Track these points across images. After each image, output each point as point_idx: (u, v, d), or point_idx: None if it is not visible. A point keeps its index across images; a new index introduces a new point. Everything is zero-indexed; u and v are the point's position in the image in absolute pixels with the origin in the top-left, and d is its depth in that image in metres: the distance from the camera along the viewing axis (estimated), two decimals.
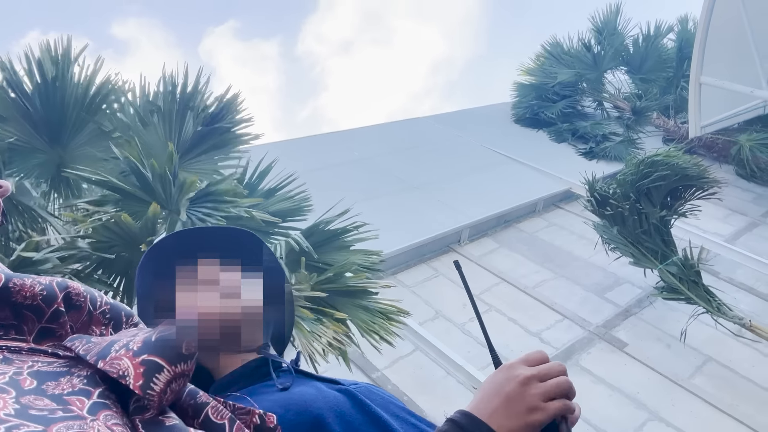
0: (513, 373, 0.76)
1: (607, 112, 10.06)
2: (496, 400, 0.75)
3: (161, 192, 2.89)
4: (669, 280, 5.02)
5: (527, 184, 7.59)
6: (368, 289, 3.09)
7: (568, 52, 9.76)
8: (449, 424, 0.74)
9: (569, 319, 5.30)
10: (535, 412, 0.73)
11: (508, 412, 0.73)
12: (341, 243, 3.31)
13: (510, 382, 0.75)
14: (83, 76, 3.14)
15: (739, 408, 4.40)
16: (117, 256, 2.69)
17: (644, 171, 5.08)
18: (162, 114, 3.28)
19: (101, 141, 3.25)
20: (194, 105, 3.35)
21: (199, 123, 3.33)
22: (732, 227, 7.37)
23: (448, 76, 28.19)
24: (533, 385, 0.74)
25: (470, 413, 0.75)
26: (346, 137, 8.58)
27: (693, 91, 6.16)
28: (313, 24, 25.85)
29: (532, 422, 0.73)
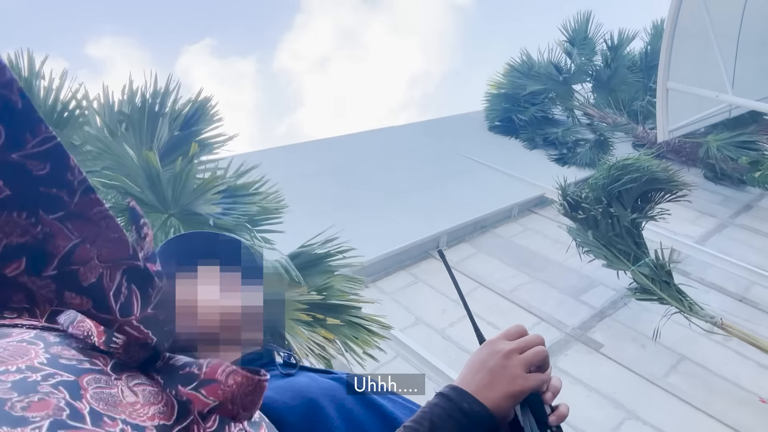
0: (495, 348, 0.82)
1: (577, 119, 10.26)
2: (480, 374, 0.80)
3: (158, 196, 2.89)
4: (642, 281, 5.13)
5: (502, 190, 7.69)
6: (354, 305, 3.12)
7: (537, 69, 9.92)
8: (439, 397, 0.79)
9: (546, 321, 5.38)
10: (516, 381, 0.78)
11: (492, 383, 0.78)
12: (326, 267, 3.31)
13: (493, 357, 0.81)
14: (49, 90, 3.07)
15: (713, 405, 4.50)
16: None
17: (615, 175, 5.20)
18: (132, 123, 3.24)
19: (73, 154, 3.20)
20: (166, 111, 3.31)
21: (176, 128, 3.31)
22: (702, 229, 7.56)
23: (425, 89, 28.50)
24: (514, 357, 0.80)
25: (458, 387, 0.79)
26: (324, 146, 8.61)
27: (660, 96, 6.32)
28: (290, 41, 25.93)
29: (513, 391, 0.78)
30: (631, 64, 10.01)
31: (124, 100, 3.33)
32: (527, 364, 0.80)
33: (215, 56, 24.42)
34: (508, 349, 0.81)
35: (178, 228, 3.09)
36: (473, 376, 0.80)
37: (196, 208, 3.07)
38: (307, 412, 0.82)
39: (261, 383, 0.57)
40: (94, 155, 3.19)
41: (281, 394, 0.84)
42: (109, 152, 3.21)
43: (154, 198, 3.03)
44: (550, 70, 9.82)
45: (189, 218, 3.07)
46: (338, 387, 0.91)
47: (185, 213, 3.09)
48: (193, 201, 3.06)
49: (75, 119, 3.19)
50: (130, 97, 3.32)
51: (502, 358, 0.80)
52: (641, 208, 5.38)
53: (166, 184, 2.98)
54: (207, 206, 3.05)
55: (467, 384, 0.79)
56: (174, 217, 3.08)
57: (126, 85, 3.34)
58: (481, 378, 0.79)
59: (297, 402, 0.83)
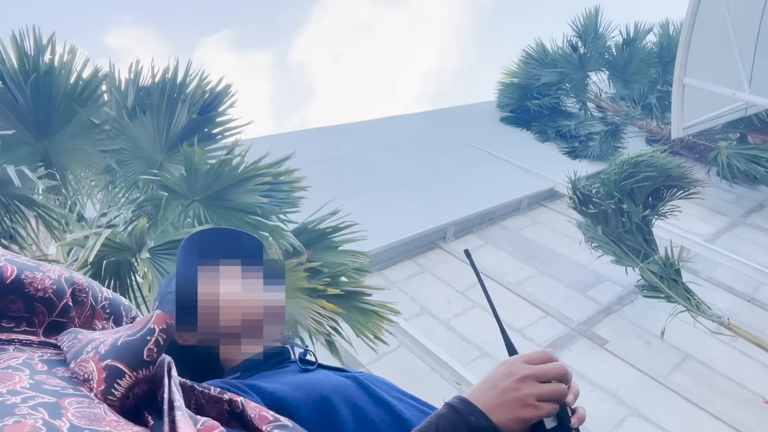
0: (512, 369, 0.80)
1: (591, 113, 10.16)
2: (492, 392, 0.78)
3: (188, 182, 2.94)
4: (650, 279, 5.10)
5: (512, 182, 7.65)
6: (364, 291, 3.13)
7: (553, 54, 9.81)
8: (447, 408, 0.78)
9: (551, 316, 5.37)
10: (526, 408, 0.76)
11: (501, 404, 0.76)
12: (329, 243, 3.33)
13: (508, 378, 0.79)
14: (70, 68, 3.12)
15: (716, 404, 4.49)
16: (107, 262, 2.68)
17: (628, 171, 5.15)
18: (151, 106, 3.27)
19: (89, 134, 3.23)
20: (185, 96, 3.35)
21: (194, 112, 3.33)
22: (712, 227, 7.50)
23: (438, 85, 28.36)
24: (529, 383, 0.78)
25: (467, 399, 0.78)
26: (333, 133, 8.58)
27: (676, 92, 6.24)
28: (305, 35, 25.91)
29: (522, 417, 0.76)
30: (647, 58, 9.87)
31: (135, 81, 3.36)
32: (540, 396, 0.77)
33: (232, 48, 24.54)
34: (525, 374, 0.78)
35: (199, 213, 3.11)
36: (484, 392, 0.79)
37: (231, 196, 3.10)
38: (320, 409, 0.82)
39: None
40: (111, 135, 3.23)
41: (295, 390, 0.85)
42: (125, 134, 3.24)
43: (184, 186, 3.05)
44: (566, 55, 9.70)
45: (216, 203, 3.10)
46: (351, 385, 0.91)
47: (213, 199, 3.12)
48: (228, 189, 3.10)
49: (94, 100, 3.21)
50: (147, 79, 3.36)
51: (516, 381, 0.78)
52: (653, 204, 5.34)
53: (200, 174, 3.01)
54: (248, 196, 3.08)
55: (477, 398, 0.78)
56: (199, 203, 3.11)
57: (136, 65, 3.36)
58: (492, 396, 0.78)
59: (310, 399, 0.84)
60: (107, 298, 0.64)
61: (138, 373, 0.53)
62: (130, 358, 0.53)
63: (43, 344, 0.56)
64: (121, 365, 0.52)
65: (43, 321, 0.58)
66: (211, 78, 3.48)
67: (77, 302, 0.61)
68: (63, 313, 0.59)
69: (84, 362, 0.53)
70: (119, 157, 3.30)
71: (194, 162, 2.95)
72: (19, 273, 0.57)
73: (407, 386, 3.69)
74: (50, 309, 0.58)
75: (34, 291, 0.57)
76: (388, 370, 4.44)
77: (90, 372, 0.52)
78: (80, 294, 0.61)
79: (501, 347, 0.94)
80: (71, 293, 0.60)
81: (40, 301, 0.58)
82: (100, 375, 0.51)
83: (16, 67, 2.97)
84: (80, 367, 0.52)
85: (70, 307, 0.59)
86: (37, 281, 0.58)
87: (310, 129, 8.71)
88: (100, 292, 0.64)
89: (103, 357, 0.53)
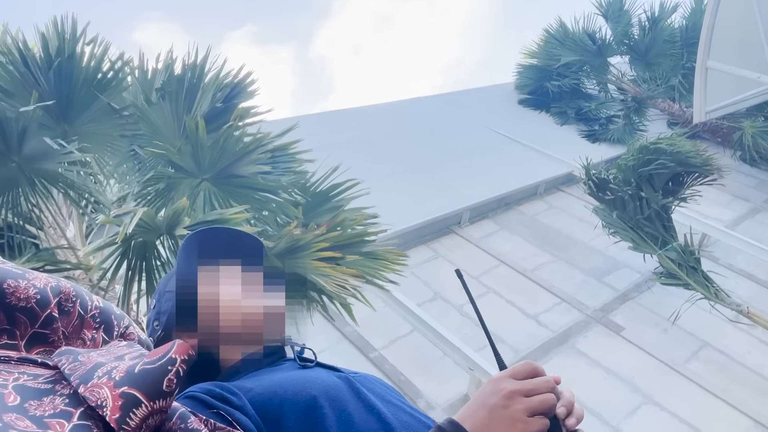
0: (498, 387, 0.77)
1: (611, 95, 9.97)
2: (481, 412, 0.76)
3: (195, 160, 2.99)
4: (668, 266, 5.03)
5: (529, 166, 7.56)
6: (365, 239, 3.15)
7: (573, 37, 9.60)
8: (436, 429, 0.77)
9: (567, 302, 5.33)
10: (516, 426, 0.74)
11: (489, 425, 0.75)
12: (333, 204, 3.34)
13: (494, 395, 0.77)
14: (92, 55, 3.15)
15: (733, 393, 4.44)
16: (135, 242, 2.71)
17: (646, 157, 5.05)
18: (170, 93, 3.29)
19: (109, 119, 3.26)
20: (205, 84, 3.37)
21: (218, 101, 3.35)
22: (734, 213, 7.36)
23: (458, 75, 28.08)
24: (517, 399, 0.75)
25: (456, 421, 0.77)
26: (347, 116, 8.53)
27: (699, 75, 6.08)
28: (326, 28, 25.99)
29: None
30: (670, 38, 9.62)
31: (159, 69, 3.40)
32: (530, 411, 0.75)
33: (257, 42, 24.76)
34: (512, 389, 0.76)
35: (208, 193, 3.13)
36: (472, 413, 0.77)
37: (236, 170, 3.13)
38: (306, 413, 0.82)
39: None
40: (130, 120, 3.27)
41: (285, 389, 0.85)
42: (144, 119, 3.27)
43: (192, 163, 3.08)
44: (586, 37, 9.50)
45: (224, 182, 3.13)
46: (342, 387, 0.90)
47: (221, 177, 3.14)
48: (234, 163, 3.12)
49: (114, 85, 3.24)
50: (167, 67, 3.39)
51: (503, 398, 0.76)
52: (672, 190, 5.24)
53: (206, 149, 3.03)
54: (251, 167, 3.10)
55: (465, 419, 0.77)
56: (208, 182, 3.14)
57: (157, 54, 3.40)
58: (481, 416, 0.76)
59: (298, 400, 0.84)
60: (97, 307, 0.63)
61: (155, 404, 0.51)
62: (149, 387, 0.51)
63: (23, 361, 0.55)
64: (139, 394, 0.51)
65: (25, 333, 0.57)
66: (233, 66, 3.51)
67: (63, 312, 0.59)
68: (46, 324, 0.58)
69: (96, 387, 0.51)
70: (138, 142, 3.33)
71: (199, 136, 2.96)
72: (1, 282, 0.55)
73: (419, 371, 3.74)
74: (32, 320, 0.57)
75: (16, 301, 0.56)
76: (400, 355, 4.45)
77: (104, 398, 0.50)
78: (66, 304, 0.60)
79: (514, 333, 0.94)
80: (57, 303, 0.58)
81: (22, 311, 0.56)
82: (115, 402, 0.49)
83: (41, 53, 3.01)
84: (91, 392, 0.51)
85: (55, 318, 0.58)
86: (20, 290, 0.56)
87: (325, 112, 8.67)
88: (90, 301, 0.63)
89: (118, 384, 0.51)
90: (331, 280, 2.87)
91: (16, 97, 2.97)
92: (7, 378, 0.51)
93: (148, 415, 0.51)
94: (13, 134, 2.63)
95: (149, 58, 3.42)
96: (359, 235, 3.14)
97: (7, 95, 2.96)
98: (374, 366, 4.36)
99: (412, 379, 4.24)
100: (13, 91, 2.97)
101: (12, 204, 2.81)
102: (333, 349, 4.45)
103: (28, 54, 2.96)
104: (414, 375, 4.28)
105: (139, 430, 0.50)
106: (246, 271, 0.99)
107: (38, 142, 2.70)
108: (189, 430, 0.58)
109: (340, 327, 4.59)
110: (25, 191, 2.83)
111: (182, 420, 0.58)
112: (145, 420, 0.51)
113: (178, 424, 0.57)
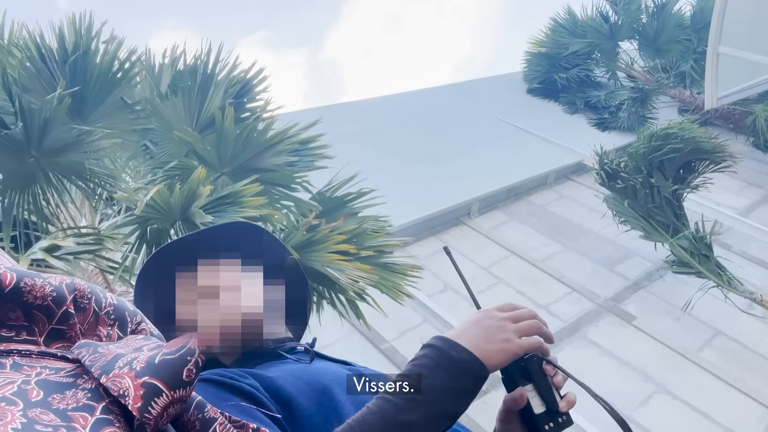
0: (488, 313, 0.81)
1: (621, 83, 9.87)
2: (473, 329, 0.78)
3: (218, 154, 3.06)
4: (680, 254, 4.99)
5: (538, 156, 7.52)
6: (383, 249, 3.16)
7: (582, 23, 9.52)
8: (426, 348, 0.77)
9: (578, 292, 5.31)
10: (509, 342, 0.77)
11: (485, 338, 0.77)
12: (349, 210, 3.35)
13: (487, 318, 0.80)
14: (106, 50, 3.18)
15: (746, 381, 4.41)
16: (151, 229, 2.73)
17: (656, 144, 5.00)
18: (183, 89, 3.32)
19: (123, 113, 3.29)
20: (217, 80, 3.40)
21: (230, 96, 3.38)
22: (746, 200, 7.29)
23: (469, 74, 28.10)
24: (508, 324, 0.79)
25: (446, 337, 0.77)
26: (356, 108, 8.52)
27: (710, 61, 6.00)
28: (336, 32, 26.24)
29: (506, 348, 0.76)
30: (679, 24, 9.50)
31: (171, 65, 3.43)
32: (521, 332, 0.79)
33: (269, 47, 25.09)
34: (503, 316, 0.80)
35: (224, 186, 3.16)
36: (464, 330, 0.79)
37: (258, 163, 3.16)
38: (319, 397, 0.82)
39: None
40: (142, 115, 3.30)
41: (296, 377, 0.85)
42: (157, 114, 3.30)
43: (215, 155, 3.13)
44: (596, 24, 9.40)
45: (242, 176, 3.16)
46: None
47: (240, 171, 3.18)
48: (256, 156, 3.16)
49: (128, 80, 3.27)
50: (177, 62, 3.43)
51: (496, 321, 0.79)
52: (683, 178, 5.19)
53: (230, 141, 3.07)
54: (276, 158, 3.14)
55: (458, 336, 0.78)
56: (226, 176, 3.17)
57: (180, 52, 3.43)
58: (474, 333, 0.78)
59: (310, 387, 0.84)
60: (111, 304, 0.64)
61: (176, 393, 0.53)
62: (169, 377, 0.53)
63: (43, 354, 0.56)
64: (160, 384, 0.52)
65: (43, 330, 0.58)
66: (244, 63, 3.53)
67: (79, 309, 0.60)
68: (63, 321, 0.59)
69: (118, 378, 0.52)
70: (150, 137, 3.36)
71: (225, 127, 2.98)
72: (18, 280, 0.56)
73: None
74: (49, 317, 0.58)
75: (33, 299, 0.57)
76: (411, 346, 4.46)
77: (126, 388, 0.51)
78: (82, 300, 0.61)
79: None
80: (72, 299, 0.59)
81: (39, 309, 0.57)
82: (137, 392, 0.51)
83: (58, 47, 3.05)
84: (114, 382, 0.52)
85: (71, 314, 0.59)
86: (37, 289, 0.57)
87: (334, 105, 8.66)
88: (104, 298, 0.64)
89: (139, 374, 0.52)
90: (345, 275, 2.88)
91: (32, 92, 3.00)
92: (29, 373, 0.52)
93: (169, 404, 0.52)
94: (35, 126, 2.65)
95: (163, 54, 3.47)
96: (376, 246, 3.14)
97: (24, 90, 2.99)
98: (385, 357, 4.37)
99: None
100: (29, 87, 3.01)
101: (30, 201, 2.84)
102: (344, 341, 4.47)
103: (45, 48, 2.99)
104: None
105: (161, 419, 0.52)
106: (246, 268, 0.97)
107: (60, 133, 2.72)
108: (207, 420, 0.59)
109: (350, 319, 4.60)
110: (42, 187, 2.86)
111: (199, 410, 0.59)
112: (166, 409, 0.52)
113: (196, 415, 0.59)
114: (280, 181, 3.21)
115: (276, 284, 0.99)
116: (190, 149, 3.13)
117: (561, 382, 0.82)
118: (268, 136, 3.16)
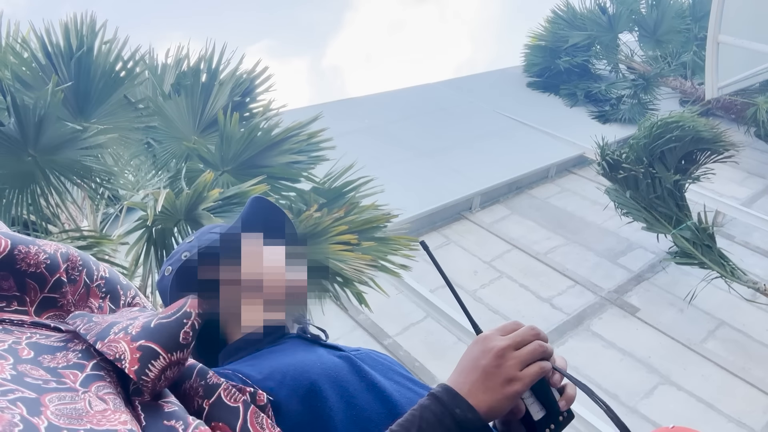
0: (488, 345, 0.77)
1: (621, 74, 9.83)
2: (473, 375, 0.76)
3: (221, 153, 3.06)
4: (682, 245, 4.98)
5: (539, 149, 7.50)
6: (378, 225, 3.18)
7: (582, 15, 9.48)
8: (431, 399, 0.75)
9: (581, 284, 5.30)
10: (512, 383, 0.74)
11: (486, 386, 0.74)
12: (348, 201, 3.36)
13: (486, 356, 0.76)
14: (109, 49, 3.19)
15: (751, 371, 4.40)
16: (156, 230, 2.73)
17: (657, 133, 4.98)
18: (186, 88, 3.32)
19: (126, 112, 3.29)
20: (220, 80, 3.40)
21: (236, 94, 3.38)
22: (749, 190, 7.26)
23: None
24: (508, 355, 0.75)
25: (450, 388, 0.76)
26: (357, 104, 8.50)
27: (710, 50, 5.98)
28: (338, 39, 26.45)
29: (510, 393, 0.74)
30: (679, 14, 9.45)
31: (174, 65, 3.44)
32: (522, 363, 0.75)
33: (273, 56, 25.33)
34: (502, 346, 0.76)
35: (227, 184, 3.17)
36: (466, 377, 0.76)
37: (262, 161, 3.18)
38: (307, 399, 0.80)
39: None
40: (145, 114, 3.32)
41: (284, 374, 0.83)
42: (160, 114, 3.31)
43: (217, 155, 3.13)
44: (594, 16, 9.36)
45: (245, 173, 3.18)
46: (343, 367, 0.89)
47: (242, 168, 3.19)
48: (259, 154, 3.17)
49: (131, 79, 3.28)
50: (181, 62, 3.43)
51: (495, 357, 0.75)
52: (685, 168, 5.17)
53: (233, 142, 3.08)
54: (282, 157, 3.16)
55: (460, 385, 0.76)
56: (228, 174, 3.17)
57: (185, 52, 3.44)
58: (474, 379, 0.75)
59: (299, 383, 0.82)
60: (103, 277, 0.64)
61: (173, 356, 0.53)
62: (166, 340, 0.53)
63: (35, 325, 0.55)
64: (156, 346, 0.52)
65: (34, 299, 0.57)
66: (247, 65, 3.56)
67: (70, 280, 0.60)
68: (55, 288, 0.58)
69: (114, 342, 0.52)
70: (153, 136, 3.37)
71: (228, 129, 2.99)
72: (12, 248, 0.56)
73: (434, 356, 3.74)
74: (42, 284, 0.58)
75: (26, 267, 0.57)
76: (414, 341, 4.46)
77: (122, 352, 0.51)
78: (73, 272, 0.60)
79: (528, 317, 0.93)
80: (65, 269, 0.59)
81: (31, 276, 0.57)
82: (133, 355, 0.51)
83: (63, 43, 3.06)
84: (109, 347, 0.52)
85: (63, 282, 0.59)
86: (31, 256, 0.57)
87: (334, 101, 8.64)
88: (96, 271, 0.63)
89: (135, 338, 0.52)
90: (348, 265, 2.89)
91: (35, 89, 3.00)
92: (20, 336, 0.52)
93: (166, 366, 0.52)
94: (30, 123, 2.64)
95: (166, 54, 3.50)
96: (372, 220, 3.15)
97: (27, 87, 2.99)
98: (389, 353, 4.36)
99: (427, 365, 4.24)
100: (33, 84, 3.01)
101: (28, 201, 2.83)
102: (347, 337, 4.46)
103: (50, 44, 3.00)
104: (428, 361, 4.28)
105: (158, 382, 0.52)
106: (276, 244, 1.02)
107: (56, 129, 2.71)
108: (210, 386, 0.60)
109: (353, 315, 4.60)
110: (41, 186, 2.84)
111: (201, 376, 0.60)
112: (164, 371, 0.52)
113: (198, 382, 0.59)
114: (285, 175, 3.23)
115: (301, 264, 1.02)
116: (195, 153, 3.14)
117: (559, 379, 0.80)
118: (272, 135, 3.17)
